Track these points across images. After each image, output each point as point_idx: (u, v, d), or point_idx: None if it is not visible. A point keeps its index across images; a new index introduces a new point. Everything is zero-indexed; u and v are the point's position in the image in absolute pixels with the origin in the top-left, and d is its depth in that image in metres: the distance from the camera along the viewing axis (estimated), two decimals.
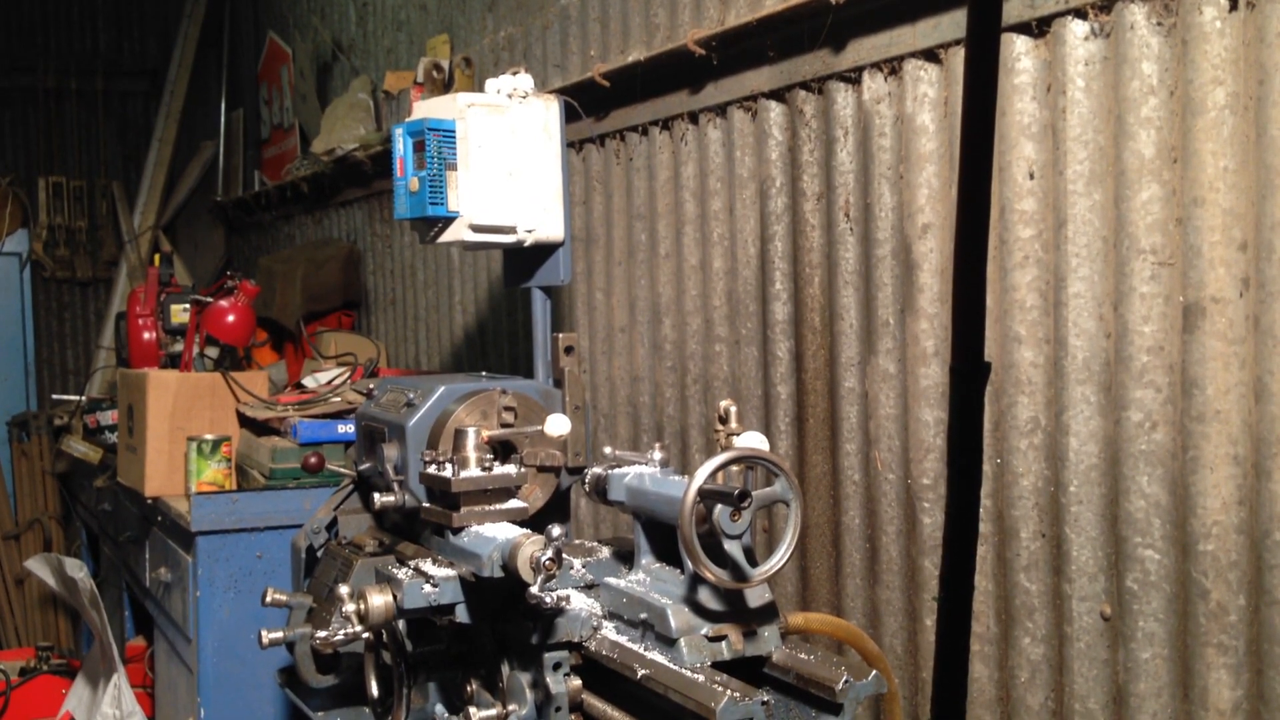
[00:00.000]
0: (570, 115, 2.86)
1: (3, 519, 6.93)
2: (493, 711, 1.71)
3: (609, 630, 1.70)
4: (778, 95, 2.88)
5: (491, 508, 1.86)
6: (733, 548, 1.59)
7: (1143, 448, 2.13)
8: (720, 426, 1.69)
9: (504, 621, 1.74)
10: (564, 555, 1.67)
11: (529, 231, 2.66)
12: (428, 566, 1.78)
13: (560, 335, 2.23)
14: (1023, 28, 2.27)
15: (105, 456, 4.75)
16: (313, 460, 3.37)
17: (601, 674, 1.67)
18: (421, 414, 2.18)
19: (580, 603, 1.72)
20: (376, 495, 2.18)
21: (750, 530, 1.63)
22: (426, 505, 2.01)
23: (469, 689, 1.81)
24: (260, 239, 6.89)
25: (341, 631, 1.71)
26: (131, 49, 8.09)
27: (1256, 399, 1.97)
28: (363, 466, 2.36)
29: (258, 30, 7.02)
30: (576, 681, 1.67)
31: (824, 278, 2.79)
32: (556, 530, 1.59)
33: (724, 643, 1.59)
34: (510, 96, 2.64)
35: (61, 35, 7.91)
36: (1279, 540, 1.95)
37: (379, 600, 1.72)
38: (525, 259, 2.78)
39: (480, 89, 2.73)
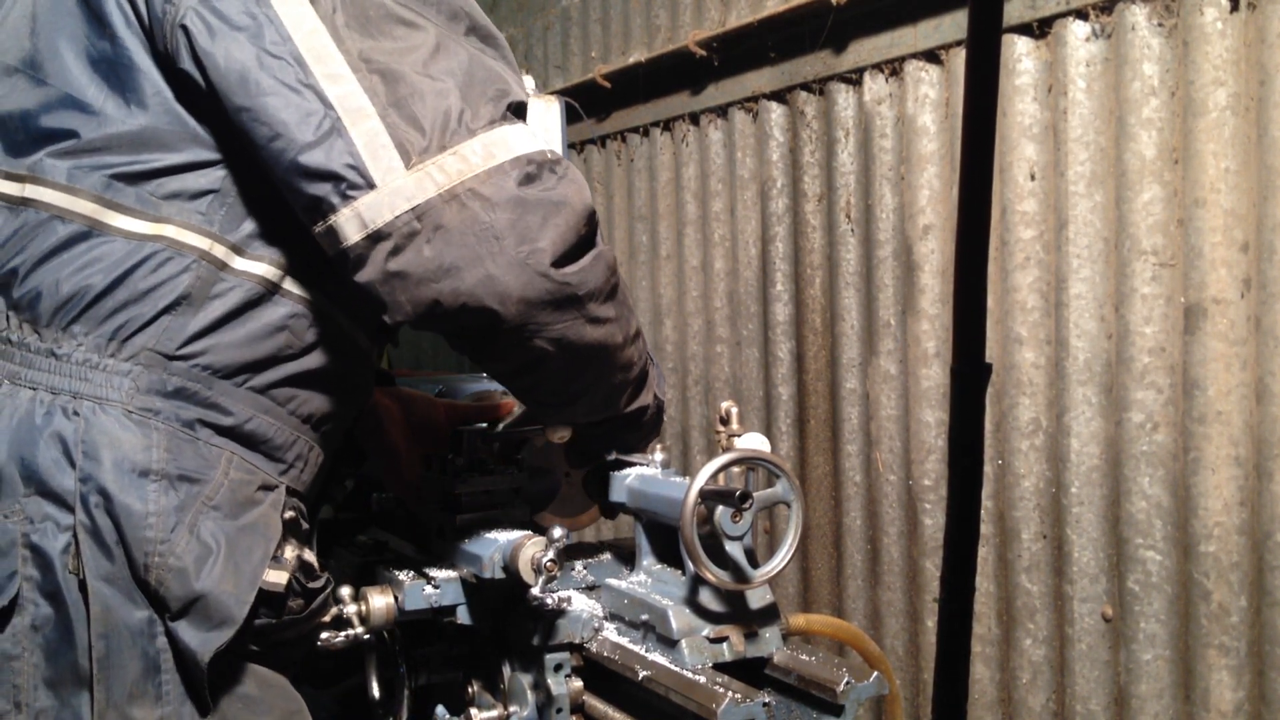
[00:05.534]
0: (571, 116, 2.85)
1: None
2: (494, 713, 1.71)
3: (610, 631, 1.69)
4: (779, 96, 2.88)
5: (493, 509, 1.85)
6: (734, 549, 1.59)
7: (1144, 449, 2.13)
8: (721, 428, 1.68)
9: (505, 623, 1.74)
10: (565, 557, 1.67)
11: None
12: (429, 568, 1.78)
13: None
14: (1024, 29, 2.27)
15: None
16: None
17: (603, 675, 1.67)
18: None
19: (581, 604, 1.72)
20: (376, 495, 2.18)
21: (751, 531, 1.63)
22: (428, 506, 2.01)
23: (470, 690, 1.81)
24: None
25: (342, 633, 1.71)
26: None
27: (1258, 400, 1.97)
28: (363, 466, 2.35)
29: None
30: (578, 683, 1.67)
31: (825, 279, 2.78)
32: (558, 532, 1.59)
33: (725, 644, 1.58)
34: None
35: None
36: None
37: (380, 601, 1.71)
38: None
39: None
